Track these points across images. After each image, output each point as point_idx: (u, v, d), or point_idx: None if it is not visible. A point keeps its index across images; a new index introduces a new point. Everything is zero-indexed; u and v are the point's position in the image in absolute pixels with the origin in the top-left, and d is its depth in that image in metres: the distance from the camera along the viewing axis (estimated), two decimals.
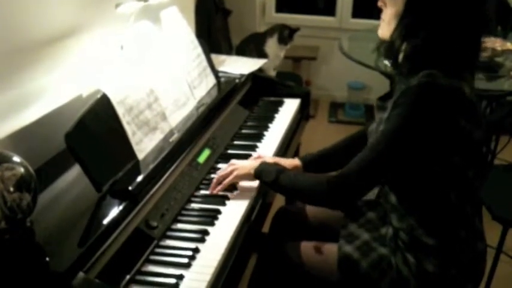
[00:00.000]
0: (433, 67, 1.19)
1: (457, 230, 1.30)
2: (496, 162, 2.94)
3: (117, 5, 1.73)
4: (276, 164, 1.49)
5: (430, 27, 1.21)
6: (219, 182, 1.53)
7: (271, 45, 3.31)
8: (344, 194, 1.30)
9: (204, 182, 1.59)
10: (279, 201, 1.88)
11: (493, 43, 2.55)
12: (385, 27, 1.31)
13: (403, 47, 1.25)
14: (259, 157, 1.65)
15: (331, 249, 1.45)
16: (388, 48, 1.31)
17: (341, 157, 1.64)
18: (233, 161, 1.59)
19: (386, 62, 1.44)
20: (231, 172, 1.52)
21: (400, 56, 1.27)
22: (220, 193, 1.52)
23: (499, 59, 2.51)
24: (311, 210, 1.68)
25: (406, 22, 1.24)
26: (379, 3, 1.32)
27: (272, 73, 3.35)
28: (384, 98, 1.38)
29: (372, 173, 1.26)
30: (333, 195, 1.31)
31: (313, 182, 1.35)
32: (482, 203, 1.56)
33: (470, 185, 1.30)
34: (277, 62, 3.39)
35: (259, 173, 1.47)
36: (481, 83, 2.32)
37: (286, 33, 3.35)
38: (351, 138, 1.66)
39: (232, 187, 1.54)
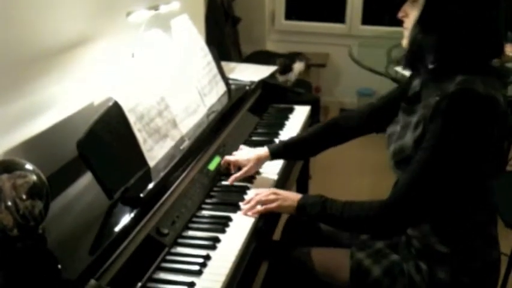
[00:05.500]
0: (466, 71, 1.18)
1: (472, 239, 1.29)
2: (508, 168, 2.92)
3: (128, 14, 1.75)
4: (319, 196, 1.40)
5: (450, 20, 1.19)
6: (253, 204, 1.47)
7: (298, 66, 3.90)
8: (399, 216, 1.25)
9: (215, 189, 1.60)
10: None
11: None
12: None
13: (428, 44, 1.22)
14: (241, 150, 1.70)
15: (342, 255, 1.44)
16: (413, 54, 1.27)
17: (310, 146, 1.66)
18: (275, 189, 1.51)
19: (397, 69, 1.42)
20: (273, 200, 1.45)
21: (428, 58, 1.24)
22: (231, 200, 1.52)
23: (509, 65, 2.50)
24: None
25: (425, 16, 1.21)
26: (400, 15, 1.29)
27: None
28: (410, 101, 1.35)
29: (425, 190, 1.21)
30: (387, 219, 1.26)
31: (362, 208, 1.29)
32: (497, 210, 1.52)
33: (490, 193, 1.28)
34: (292, 77, 3.84)
35: (303, 206, 1.40)
36: None
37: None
38: (322, 127, 1.66)
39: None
